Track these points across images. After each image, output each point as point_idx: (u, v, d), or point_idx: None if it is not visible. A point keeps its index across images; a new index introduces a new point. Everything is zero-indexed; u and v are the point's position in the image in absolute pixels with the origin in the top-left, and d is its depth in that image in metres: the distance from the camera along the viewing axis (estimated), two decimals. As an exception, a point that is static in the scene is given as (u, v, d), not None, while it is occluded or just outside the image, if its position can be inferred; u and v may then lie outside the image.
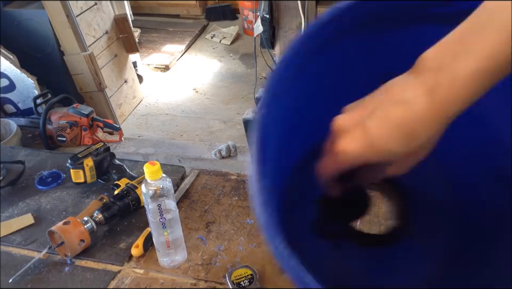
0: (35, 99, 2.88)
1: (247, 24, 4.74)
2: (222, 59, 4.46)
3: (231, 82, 4.08)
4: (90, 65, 3.00)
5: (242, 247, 1.16)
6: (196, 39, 4.80)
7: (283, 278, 1.07)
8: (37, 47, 3.05)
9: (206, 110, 3.70)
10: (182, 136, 3.40)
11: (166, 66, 4.28)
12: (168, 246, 1.07)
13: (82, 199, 1.36)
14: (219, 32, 4.81)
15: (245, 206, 1.29)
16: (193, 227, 1.23)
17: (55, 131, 2.78)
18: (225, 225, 1.23)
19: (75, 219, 1.15)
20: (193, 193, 1.36)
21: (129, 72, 3.63)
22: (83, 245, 1.14)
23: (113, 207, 1.21)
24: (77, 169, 1.35)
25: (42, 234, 1.21)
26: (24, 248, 1.21)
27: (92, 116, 2.81)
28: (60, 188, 1.42)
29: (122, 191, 1.26)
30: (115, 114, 3.32)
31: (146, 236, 1.16)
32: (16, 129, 2.72)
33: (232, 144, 2.65)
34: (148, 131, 3.46)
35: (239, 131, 3.09)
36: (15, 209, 1.34)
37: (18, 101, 3.07)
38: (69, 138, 2.78)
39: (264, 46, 2.12)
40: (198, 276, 1.09)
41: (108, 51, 3.31)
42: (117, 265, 1.14)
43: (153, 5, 5.16)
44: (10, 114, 3.13)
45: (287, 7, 2.06)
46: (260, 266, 1.09)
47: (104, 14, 3.29)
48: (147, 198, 1.00)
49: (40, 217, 1.30)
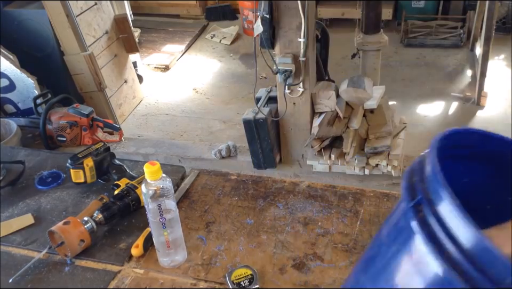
0: (35, 99, 2.88)
1: (247, 24, 4.74)
2: (222, 59, 4.46)
3: (231, 82, 4.08)
4: (90, 65, 3.00)
5: (242, 247, 1.16)
6: (196, 39, 4.80)
7: (283, 277, 1.07)
8: (37, 47, 3.05)
9: (206, 110, 3.70)
10: (182, 136, 3.40)
11: (166, 66, 4.28)
12: (168, 246, 1.07)
13: (82, 199, 1.36)
14: (219, 32, 4.81)
15: (245, 206, 1.29)
16: (193, 227, 1.23)
17: (55, 131, 2.78)
18: (225, 225, 1.23)
19: (75, 219, 1.15)
20: (193, 193, 1.36)
21: (129, 72, 3.63)
22: (83, 245, 1.14)
23: (113, 207, 1.21)
24: (77, 169, 1.35)
25: (42, 234, 1.21)
26: (24, 248, 1.21)
27: (92, 116, 2.81)
28: (60, 188, 1.42)
29: (122, 191, 1.26)
30: (115, 114, 3.32)
31: (146, 236, 1.16)
32: (16, 129, 2.72)
33: (232, 144, 2.65)
34: (147, 131, 3.46)
35: (239, 131, 3.08)
36: (15, 209, 1.34)
37: (18, 101, 3.07)
38: (69, 138, 2.78)
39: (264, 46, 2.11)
40: (198, 276, 1.09)
41: (108, 51, 3.31)
42: (117, 265, 1.14)
43: (153, 5, 5.16)
44: (10, 114, 3.13)
45: (287, 7, 2.06)
46: (259, 266, 1.09)
47: (104, 14, 3.29)
48: (147, 198, 1.00)
49: (40, 217, 1.30)
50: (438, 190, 0.49)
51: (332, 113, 2.26)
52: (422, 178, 0.53)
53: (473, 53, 4.03)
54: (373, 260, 0.63)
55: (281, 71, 2.15)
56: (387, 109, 2.41)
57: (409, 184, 0.55)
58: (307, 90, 2.24)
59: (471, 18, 4.18)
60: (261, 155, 2.43)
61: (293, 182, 1.38)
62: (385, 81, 2.91)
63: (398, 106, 3.35)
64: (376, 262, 0.62)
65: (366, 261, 0.66)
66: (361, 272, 0.66)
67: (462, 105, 3.50)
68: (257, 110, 2.28)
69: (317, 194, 1.32)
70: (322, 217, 1.23)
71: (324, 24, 2.59)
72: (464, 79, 3.84)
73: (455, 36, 4.25)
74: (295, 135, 2.44)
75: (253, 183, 1.38)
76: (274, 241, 1.17)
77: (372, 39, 2.70)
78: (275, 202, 1.30)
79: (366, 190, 1.32)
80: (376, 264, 0.61)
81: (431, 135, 2.91)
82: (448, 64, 4.03)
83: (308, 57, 2.14)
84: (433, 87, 3.73)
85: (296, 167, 2.55)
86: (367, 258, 0.67)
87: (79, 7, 2.99)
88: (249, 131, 2.32)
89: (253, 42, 2.13)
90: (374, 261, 0.63)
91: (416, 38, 4.31)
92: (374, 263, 0.62)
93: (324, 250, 1.13)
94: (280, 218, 1.24)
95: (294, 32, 2.10)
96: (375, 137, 2.34)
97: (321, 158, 2.39)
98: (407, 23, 4.38)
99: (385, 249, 0.59)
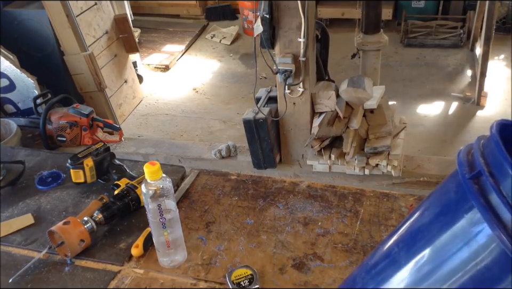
0: (35, 99, 2.88)
1: (247, 24, 4.75)
2: (222, 59, 4.46)
3: (231, 82, 4.08)
4: (90, 65, 3.00)
5: (242, 247, 1.16)
6: (196, 39, 4.80)
7: (283, 277, 1.07)
8: (37, 47, 3.05)
9: (206, 110, 3.70)
10: (182, 136, 3.40)
11: (166, 66, 4.28)
12: (168, 246, 1.07)
13: (82, 199, 1.36)
14: (219, 32, 4.81)
15: (245, 206, 1.29)
16: (193, 227, 1.23)
17: (55, 131, 2.78)
18: (225, 225, 1.23)
19: (75, 219, 1.15)
20: (193, 193, 1.36)
21: (129, 72, 3.63)
22: (83, 245, 1.14)
23: (113, 207, 1.21)
24: (77, 169, 1.35)
25: (42, 234, 1.21)
26: (24, 248, 1.21)
27: (92, 116, 2.81)
28: (60, 188, 1.42)
29: (122, 191, 1.26)
30: (115, 114, 3.32)
31: (146, 236, 1.16)
32: (16, 129, 2.72)
33: (232, 144, 2.65)
34: (147, 131, 3.46)
35: (239, 131, 3.08)
36: (15, 209, 1.34)
37: (18, 101, 3.07)
38: (69, 138, 2.78)
39: (264, 46, 2.11)
40: (198, 276, 1.09)
41: (108, 51, 3.31)
42: (117, 265, 1.14)
43: (153, 5, 5.16)
44: (10, 114, 3.13)
45: (287, 7, 2.05)
46: (259, 266, 1.09)
47: (104, 14, 3.29)
48: (147, 198, 1.00)
49: (40, 217, 1.30)
50: (501, 162, 0.49)
51: (331, 113, 2.26)
52: (483, 153, 0.53)
53: (473, 53, 4.03)
54: (413, 237, 0.62)
55: (281, 71, 2.15)
56: (387, 109, 2.41)
57: (465, 159, 0.55)
58: (307, 90, 2.24)
59: (471, 18, 4.18)
60: (261, 155, 2.43)
61: (293, 182, 1.38)
62: (385, 81, 2.91)
63: (398, 106, 3.35)
64: (418, 238, 0.61)
65: (404, 239, 0.64)
66: (401, 249, 0.64)
67: (462, 105, 3.50)
68: (257, 110, 2.28)
69: (317, 194, 1.32)
70: (322, 217, 1.23)
71: (324, 24, 2.58)
72: (464, 79, 3.84)
73: (455, 36, 4.25)
74: (295, 135, 2.44)
75: (253, 183, 1.38)
76: (274, 241, 1.17)
77: (372, 39, 2.70)
78: (275, 202, 1.30)
79: (366, 190, 1.32)
80: (418, 240, 0.60)
81: (431, 135, 2.91)
82: (448, 64, 4.03)
83: (307, 57, 2.14)
84: (433, 87, 3.73)
85: (296, 167, 2.55)
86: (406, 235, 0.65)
87: (79, 7, 2.99)
88: (249, 131, 2.32)
89: (253, 42, 2.13)
90: (415, 237, 0.62)
91: (416, 38, 4.31)
92: (415, 239, 0.61)
93: (324, 250, 1.13)
94: (280, 218, 1.24)
95: (294, 32, 2.10)
96: (375, 137, 2.34)
97: (321, 158, 2.39)
98: (407, 23, 4.38)
99: (431, 223, 0.59)
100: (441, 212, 0.58)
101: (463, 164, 0.56)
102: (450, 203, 0.57)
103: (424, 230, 0.60)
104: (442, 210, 0.58)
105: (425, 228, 0.60)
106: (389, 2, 4.43)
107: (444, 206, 0.59)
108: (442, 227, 0.56)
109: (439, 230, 0.56)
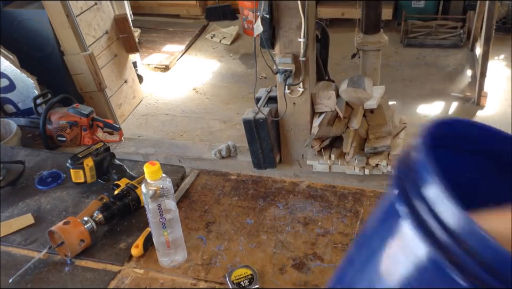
0: (35, 99, 2.88)
1: (247, 24, 4.75)
2: (222, 59, 4.46)
3: (231, 82, 4.08)
4: (90, 65, 3.00)
5: (242, 247, 1.16)
6: (196, 39, 4.80)
7: (283, 277, 1.07)
8: (37, 47, 3.05)
9: (206, 110, 3.70)
10: (182, 136, 3.40)
11: (166, 66, 4.28)
12: (168, 246, 1.07)
13: (82, 199, 1.36)
14: (219, 32, 4.81)
15: (245, 206, 1.29)
16: (193, 227, 1.23)
17: (55, 131, 2.78)
18: (225, 225, 1.23)
19: (75, 219, 1.15)
20: (193, 193, 1.36)
21: (129, 72, 3.63)
22: (83, 245, 1.14)
23: (113, 207, 1.21)
24: (77, 169, 1.35)
25: (42, 234, 1.21)
26: (24, 248, 1.21)
27: (92, 116, 2.81)
28: (60, 188, 1.42)
29: (122, 191, 1.26)
30: (115, 114, 3.32)
31: (146, 236, 1.16)
32: (16, 129, 2.72)
33: (232, 144, 2.66)
34: (147, 131, 3.46)
35: (239, 131, 3.08)
36: (15, 209, 1.34)
37: (18, 101, 3.07)
38: (69, 138, 2.78)
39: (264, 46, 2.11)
40: (198, 276, 1.09)
41: (108, 51, 3.31)
42: (117, 265, 1.14)
43: (153, 5, 5.16)
44: (10, 114, 3.13)
45: (287, 7, 2.06)
46: (259, 266, 1.09)
47: (104, 14, 3.29)
48: (147, 198, 1.00)
49: (40, 217, 1.30)
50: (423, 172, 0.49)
51: (332, 113, 2.27)
52: (409, 165, 0.53)
53: (473, 53, 4.03)
54: (359, 251, 0.64)
55: (281, 71, 2.15)
56: (387, 109, 2.41)
57: (397, 171, 0.55)
58: (307, 90, 2.24)
59: (471, 18, 4.18)
60: (261, 155, 2.43)
61: (293, 182, 1.38)
62: (385, 81, 2.91)
63: (398, 106, 3.35)
64: (362, 252, 0.62)
65: (352, 254, 0.67)
66: (348, 265, 0.66)
67: (462, 105, 3.50)
68: (257, 110, 2.28)
69: (317, 194, 1.32)
70: (322, 217, 1.23)
71: (324, 24, 2.59)
72: (464, 79, 3.84)
73: (455, 36, 4.25)
74: (295, 135, 2.44)
75: (253, 183, 1.38)
76: (274, 241, 1.17)
77: (372, 39, 2.70)
78: (275, 202, 1.30)
79: (366, 190, 1.32)
80: (362, 254, 0.62)
81: (431, 135, 2.87)
82: (448, 64, 4.03)
83: (308, 57, 2.14)
84: (433, 87, 3.73)
85: (296, 167, 2.55)
86: (353, 251, 0.67)
87: (79, 7, 2.99)
88: (249, 131, 2.32)
89: (253, 42, 2.13)
90: (360, 251, 0.63)
91: (416, 38, 4.31)
92: (360, 253, 0.63)
93: (324, 250, 1.13)
94: (280, 218, 1.24)
95: (294, 32, 2.11)
96: (375, 137, 2.34)
97: (321, 158, 2.39)
98: (407, 23, 4.38)
99: (372, 238, 0.60)
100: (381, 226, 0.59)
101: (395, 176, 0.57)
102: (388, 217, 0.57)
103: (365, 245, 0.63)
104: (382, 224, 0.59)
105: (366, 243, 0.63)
106: (389, 2, 4.43)
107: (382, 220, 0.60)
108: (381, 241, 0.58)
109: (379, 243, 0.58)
